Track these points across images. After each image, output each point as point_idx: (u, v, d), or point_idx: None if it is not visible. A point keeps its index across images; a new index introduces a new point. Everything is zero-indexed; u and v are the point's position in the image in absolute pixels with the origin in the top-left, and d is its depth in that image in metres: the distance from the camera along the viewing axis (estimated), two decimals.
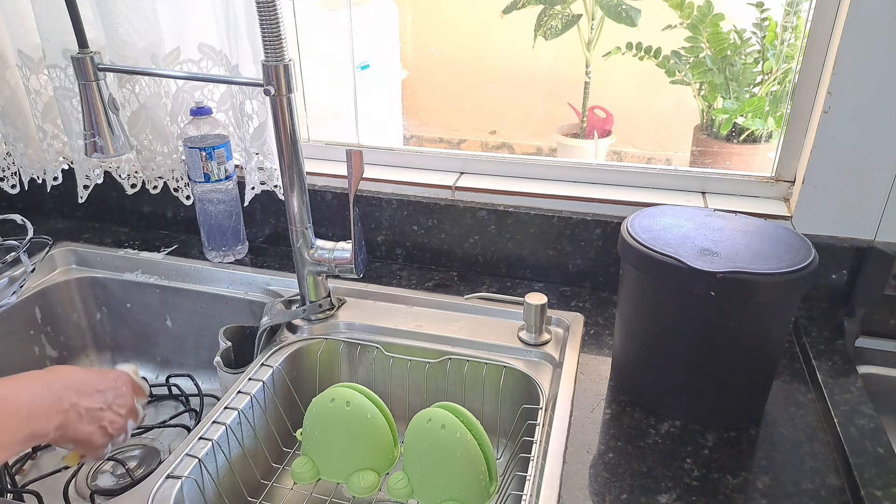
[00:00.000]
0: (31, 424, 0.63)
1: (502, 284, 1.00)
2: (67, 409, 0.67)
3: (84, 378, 0.72)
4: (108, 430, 0.72)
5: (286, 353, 0.86)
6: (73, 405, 0.68)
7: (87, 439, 0.70)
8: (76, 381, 0.70)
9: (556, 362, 0.82)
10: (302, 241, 0.85)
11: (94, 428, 0.70)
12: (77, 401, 0.68)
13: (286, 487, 0.82)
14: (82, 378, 0.71)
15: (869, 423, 0.70)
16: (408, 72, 2.07)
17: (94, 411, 0.70)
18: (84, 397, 0.69)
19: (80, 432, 0.69)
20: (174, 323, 1.05)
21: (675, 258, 0.66)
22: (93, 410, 0.70)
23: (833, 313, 0.89)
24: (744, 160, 1.56)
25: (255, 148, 1.00)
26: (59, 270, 1.08)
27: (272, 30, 0.74)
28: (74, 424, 0.68)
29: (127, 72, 0.95)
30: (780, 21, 1.47)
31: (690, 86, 1.64)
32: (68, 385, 0.69)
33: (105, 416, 0.71)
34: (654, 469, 0.67)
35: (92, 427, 0.70)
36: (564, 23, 1.84)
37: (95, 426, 0.70)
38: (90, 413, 0.70)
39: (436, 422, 0.71)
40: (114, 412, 0.73)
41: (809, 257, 0.66)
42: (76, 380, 0.70)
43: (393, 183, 1.04)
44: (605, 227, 0.95)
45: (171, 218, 1.16)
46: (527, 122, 2.20)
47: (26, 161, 1.11)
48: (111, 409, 0.72)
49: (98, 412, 0.71)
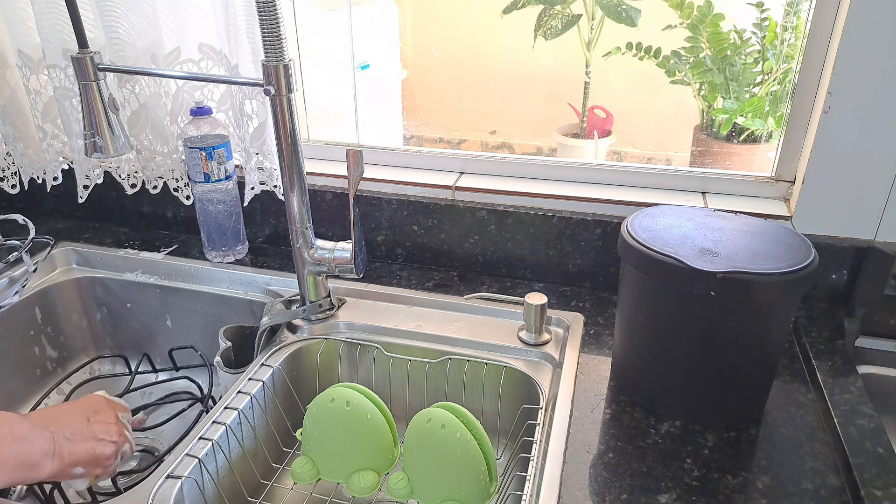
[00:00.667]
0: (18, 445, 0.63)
1: (502, 284, 1.00)
2: (51, 436, 0.67)
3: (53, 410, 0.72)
4: (107, 440, 0.71)
5: (286, 353, 0.86)
6: (54, 431, 0.67)
7: (91, 455, 0.69)
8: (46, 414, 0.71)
9: (556, 362, 0.82)
10: (302, 241, 0.85)
11: (92, 442, 0.70)
12: (56, 428, 0.68)
13: (286, 487, 0.82)
14: (51, 411, 0.72)
15: (869, 423, 0.70)
16: (408, 72, 2.07)
17: (79, 429, 0.70)
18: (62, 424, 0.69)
19: (78, 451, 0.68)
20: (174, 323, 1.05)
21: (675, 258, 0.66)
22: (78, 429, 0.70)
23: (833, 313, 0.89)
24: (744, 160, 1.56)
25: (255, 148, 1.00)
26: (60, 270, 1.08)
27: (272, 30, 0.74)
28: (67, 447, 0.67)
29: (127, 72, 0.95)
30: (780, 21, 1.47)
31: (690, 86, 1.64)
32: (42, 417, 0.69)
33: (94, 428, 0.71)
34: (654, 469, 0.67)
35: (89, 442, 0.70)
36: (564, 23, 1.84)
37: (92, 440, 0.70)
38: (77, 432, 0.69)
39: (436, 422, 0.71)
40: (101, 423, 0.72)
41: (809, 257, 0.66)
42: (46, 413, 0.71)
43: (393, 183, 1.04)
44: (605, 227, 0.95)
45: (171, 218, 1.16)
46: (527, 122, 2.20)
47: (26, 161, 1.11)
48: (98, 422, 0.72)
49: (85, 428, 0.70)
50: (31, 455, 0.64)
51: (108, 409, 0.75)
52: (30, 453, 0.64)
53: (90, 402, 0.75)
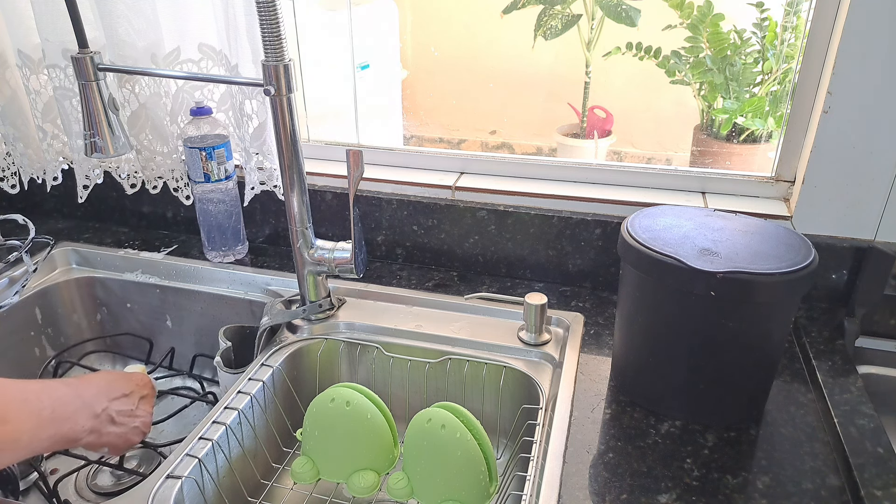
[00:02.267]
0: (56, 426, 0.65)
1: (502, 284, 1.00)
2: (99, 413, 0.70)
3: (112, 383, 0.75)
4: (140, 430, 0.75)
5: (286, 353, 0.86)
6: (104, 409, 0.71)
7: (123, 440, 0.73)
8: (106, 386, 0.73)
9: (556, 362, 0.82)
10: (302, 241, 0.85)
11: (128, 429, 0.73)
12: (108, 405, 0.71)
13: (286, 487, 0.82)
14: (110, 383, 0.74)
15: (869, 423, 0.70)
16: (408, 72, 2.07)
17: (124, 414, 0.73)
18: (114, 402, 0.73)
19: (112, 435, 0.72)
20: (174, 323, 1.05)
21: (675, 258, 0.66)
22: (123, 413, 0.73)
23: (833, 313, 0.89)
24: (744, 160, 1.56)
25: (255, 148, 1.00)
26: (60, 270, 1.08)
27: (272, 30, 0.74)
28: (108, 427, 0.71)
29: (127, 72, 0.95)
30: (780, 21, 1.47)
31: (690, 86, 1.64)
32: (99, 391, 0.72)
33: (137, 413, 0.75)
34: (654, 469, 0.67)
35: (125, 428, 0.73)
36: (564, 23, 1.84)
37: (129, 428, 0.74)
38: (121, 416, 0.73)
39: (436, 422, 0.71)
40: (143, 411, 0.76)
41: (809, 257, 0.66)
42: (106, 385, 0.73)
43: (393, 183, 1.04)
44: (605, 227, 0.95)
45: (171, 218, 1.16)
46: (527, 122, 2.20)
47: (26, 161, 1.11)
48: (141, 408, 0.76)
49: (128, 415, 0.74)
50: (68, 435, 0.67)
51: (151, 395, 0.79)
52: (68, 434, 0.67)
53: (140, 381, 0.79)
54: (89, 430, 0.69)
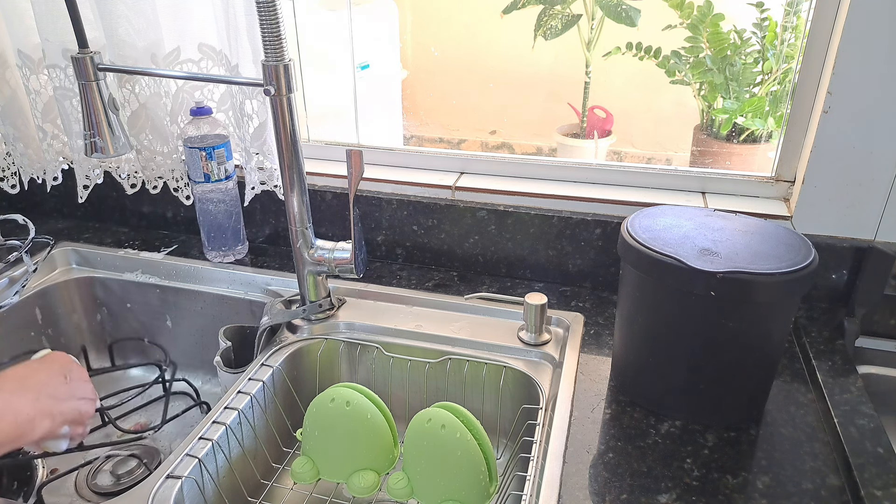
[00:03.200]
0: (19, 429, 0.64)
1: (502, 284, 1.00)
2: (34, 397, 0.68)
3: (26, 369, 0.72)
4: (87, 398, 0.73)
5: (286, 353, 0.86)
6: (37, 392, 0.68)
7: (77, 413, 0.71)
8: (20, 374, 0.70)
9: (556, 362, 0.82)
10: (302, 241, 0.85)
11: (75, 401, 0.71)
12: (39, 387, 0.69)
13: (286, 487, 0.82)
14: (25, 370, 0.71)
15: (869, 423, 0.70)
16: (408, 72, 2.07)
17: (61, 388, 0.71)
18: (43, 382, 0.70)
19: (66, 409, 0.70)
20: (174, 323, 1.05)
21: (675, 258, 0.66)
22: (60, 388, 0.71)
23: (833, 313, 0.89)
24: (744, 160, 1.56)
25: (255, 148, 1.00)
26: (60, 270, 1.08)
27: (272, 30, 0.74)
28: (57, 406, 0.69)
29: (127, 72, 0.95)
30: (780, 21, 1.47)
31: (690, 86, 1.64)
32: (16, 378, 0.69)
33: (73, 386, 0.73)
34: (654, 469, 0.67)
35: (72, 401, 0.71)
36: (564, 23, 1.83)
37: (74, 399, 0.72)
38: (60, 391, 0.70)
39: (436, 422, 0.71)
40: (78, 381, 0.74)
41: (809, 257, 0.66)
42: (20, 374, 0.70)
43: (393, 183, 1.04)
44: (605, 227, 0.95)
45: (171, 218, 1.16)
46: (527, 122, 2.20)
47: (26, 161, 1.11)
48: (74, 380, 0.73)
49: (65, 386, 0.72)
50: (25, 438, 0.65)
51: (78, 366, 0.76)
52: (13, 424, 0.64)
53: (59, 360, 0.75)
54: (31, 416, 0.66)
